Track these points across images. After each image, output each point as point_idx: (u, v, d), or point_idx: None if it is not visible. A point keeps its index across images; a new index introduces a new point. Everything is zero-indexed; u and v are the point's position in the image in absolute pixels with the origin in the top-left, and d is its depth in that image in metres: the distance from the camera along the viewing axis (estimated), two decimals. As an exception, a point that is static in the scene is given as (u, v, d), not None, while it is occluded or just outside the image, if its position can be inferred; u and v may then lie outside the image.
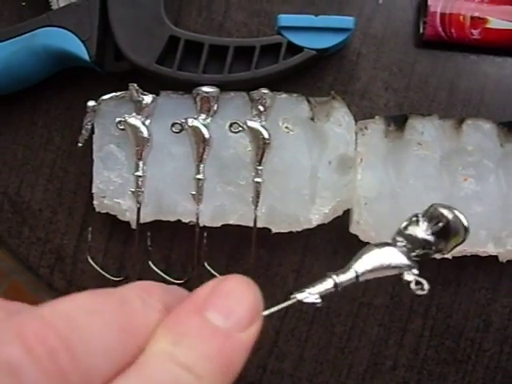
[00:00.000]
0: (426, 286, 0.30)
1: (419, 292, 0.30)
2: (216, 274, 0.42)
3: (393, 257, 0.30)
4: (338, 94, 0.42)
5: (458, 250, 0.41)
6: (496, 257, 0.42)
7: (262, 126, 0.41)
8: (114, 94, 0.42)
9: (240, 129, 0.41)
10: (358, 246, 0.42)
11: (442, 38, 0.43)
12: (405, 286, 0.43)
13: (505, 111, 0.44)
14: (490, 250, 0.42)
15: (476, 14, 0.43)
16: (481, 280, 0.44)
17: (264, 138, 0.40)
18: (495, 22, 0.42)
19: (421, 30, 0.44)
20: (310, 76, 0.44)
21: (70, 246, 0.45)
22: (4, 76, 0.42)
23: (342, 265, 0.44)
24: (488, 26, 0.43)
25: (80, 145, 0.43)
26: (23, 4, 0.45)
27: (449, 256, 0.41)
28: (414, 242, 0.31)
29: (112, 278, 0.43)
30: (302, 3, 0.44)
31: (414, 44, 0.44)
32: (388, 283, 0.44)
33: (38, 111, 0.45)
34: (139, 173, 0.41)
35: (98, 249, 0.44)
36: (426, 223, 0.31)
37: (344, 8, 0.44)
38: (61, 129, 0.45)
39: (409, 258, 0.30)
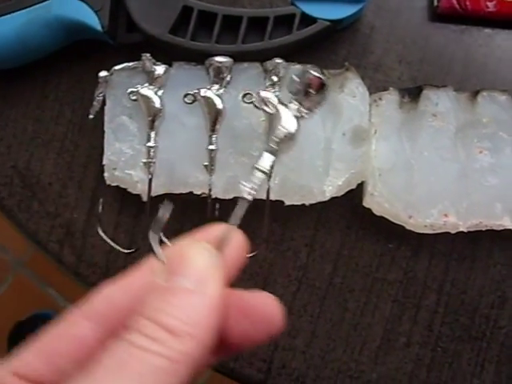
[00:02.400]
0: None
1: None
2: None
3: None
4: (352, 67, 0.42)
5: (474, 224, 0.41)
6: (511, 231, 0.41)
7: (276, 97, 0.40)
8: (126, 64, 0.42)
9: (253, 99, 0.41)
10: (371, 221, 0.42)
11: (457, 10, 0.43)
12: (419, 262, 0.43)
13: (520, 85, 0.43)
14: (506, 223, 0.41)
15: (491, -13, 0.42)
16: (496, 255, 0.43)
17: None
18: (510, -6, 0.42)
19: (435, 3, 0.43)
20: (324, 49, 0.44)
21: (79, 221, 0.44)
22: (16, 47, 0.42)
23: (355, 239, 0.44)
24: (503, -2, 0.42)
25: (91, 116, 0.42)
26: (35, -24, 0.45)
27: (464, 229, 0.41)
28: None
29: (122, 250, 0.42)
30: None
31: (428, 17, 0.44)
32: (402, 258, 0.43)
33: (49, 84, 0.45)
34: (151, 143, 0.41)
35: (108, 223, 0.44)
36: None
37: (358, -19, 0.44)
38: (72, 102, 0.45)
39: None
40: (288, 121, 0.33)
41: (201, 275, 0.25)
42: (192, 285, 0.25)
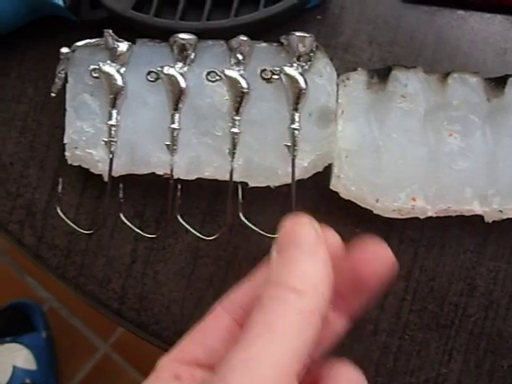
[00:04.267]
0: None
1: None
2: (190, 229, 0.40)
3: None
4: (321, 46, 0.40)
5: (443, 208, 0.40)
6: (482, 218, 0.40)
7: (241, 75, 0.39)
8: (88, 40, 0.41)
9: (217, 78, 0.40)
10: (339, 205, 0.41)
11: (429, -9, 0.42)
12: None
13: (492, 68, 0.42)
14: (476, 208, 0.40)
15: (464, -33, 0.41)
16: (466, 242, 0.42)
17: (242, 88, 0.39)
18: (483, -25, 0.41)
19: (407, -17, 0.42)
20: (293, 29, 0.42)
21: (41, 201, 0.43)
22: (-24, 22, 0.41)
23: (323, 223, 0.42)
24: (476, -22, 0.41)
25: (53, 94, 0.41)
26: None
27: (432, 214, 0.40)
28: None
29: (83, 231, 0.41)
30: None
31: (399, -3, 0.43)
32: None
33: (12, 62, 0.44)
34: (112, 122, 0.40)
35: (70, 204, 0.43)
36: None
37: (328, -41, 0.43)
38: (35, 80, 0.44)
39: None
40: (299, 79, 0.38)
41: (312, 243, 0.28)
42: (305, 252, 0.28)
